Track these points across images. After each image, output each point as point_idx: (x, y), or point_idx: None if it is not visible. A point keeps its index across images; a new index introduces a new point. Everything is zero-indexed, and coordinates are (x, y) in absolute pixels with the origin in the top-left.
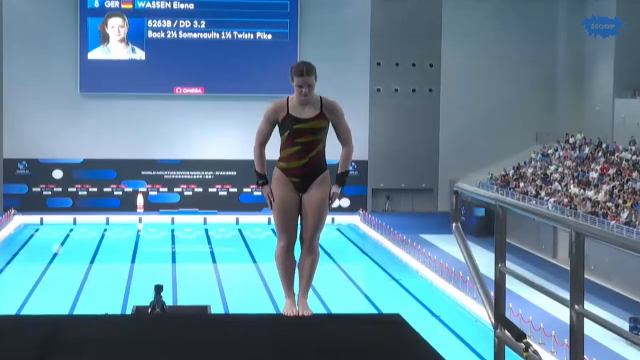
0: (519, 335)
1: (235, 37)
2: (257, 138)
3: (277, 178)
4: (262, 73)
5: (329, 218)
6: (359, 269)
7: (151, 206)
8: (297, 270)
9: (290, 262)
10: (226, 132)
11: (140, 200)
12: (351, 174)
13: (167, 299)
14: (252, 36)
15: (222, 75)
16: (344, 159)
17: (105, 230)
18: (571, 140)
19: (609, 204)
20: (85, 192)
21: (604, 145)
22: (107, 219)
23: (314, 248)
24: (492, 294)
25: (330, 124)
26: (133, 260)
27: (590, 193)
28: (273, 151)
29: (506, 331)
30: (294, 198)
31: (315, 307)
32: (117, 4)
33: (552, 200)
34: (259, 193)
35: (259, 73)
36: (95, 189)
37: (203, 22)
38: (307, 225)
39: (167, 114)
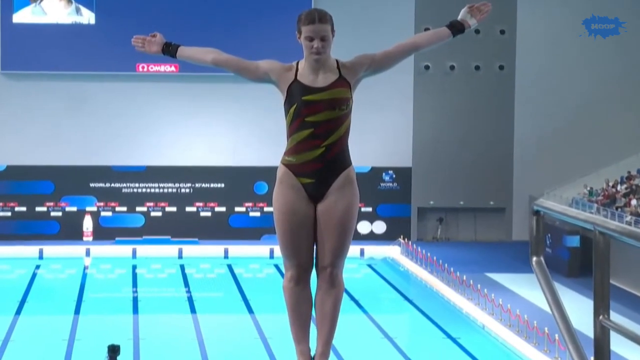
0: None
1: None
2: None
3: (282, 179)
4: (263, 42)
5: (356, 249)
6: (398, 321)
7: (104, 233)
8: (313, 311)
9: (303, 298)
10: (210, 127)
11: (88, 224)
12: (388, 186)
13: None
14: None
15: (208, 44)
16: (430, 32)
17: (37, 267)
18: None
19: None
20: (8, 213)
21: None
22: (40, 252)
23: (336, 280)
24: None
25: (353, 91)
26: (77, 310)
27: None
28: (272, 153)
29: None
30: (306, 208)
31: None
32: None
33: None
34: (257, 214)
35: (257, 41)
36: (22, 209)
37: None
38: (325, 248)
39: (127, 102)
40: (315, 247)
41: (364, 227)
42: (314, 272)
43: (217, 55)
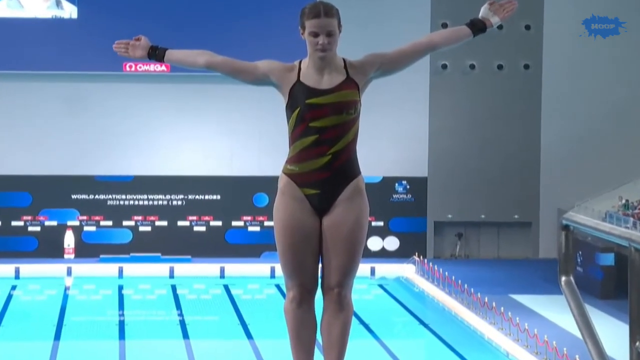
0: None
1: None
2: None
3: (284, 190)
4: (262, 39)
5: (366, 267)
6: (413, 348)
7: (87, 250)
8: (318, 336)
9: (306, 321)
10: (205, 132)
11: (69, 240)
12: (402, 198)
13: None
14: None
15: (201, 43)
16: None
17: (13, 287)
18: None
19: None
20: None
21: None
22: (17, 270)
23: (344, 302)
24: None
25: (362, 94)
26: (57, 336)
27: None
28: (274, 162)
29: None
30: (311, 222)
31: None
32: None
33: None
34: (257, 229)
35: (256, 39)
36: None
37: None
38: (332, 266)
39: (113, 105)
40: (320, 265)
41: (374, 243)
42: (318, 293)
43: (209, 57)
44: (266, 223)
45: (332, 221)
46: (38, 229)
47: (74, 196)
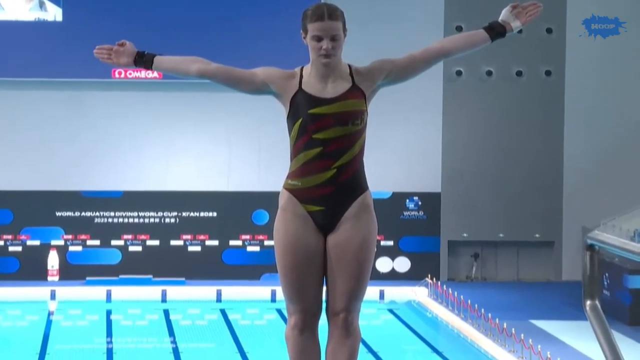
0: None
1: None
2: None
3: (285, 207)
4: (261, 44)
5: (374, 290)
6: None
7: (72, 271)
8: None
9: (310, 349)
10: (200, 145)
11: (53, 261)
12: (413, 215)
13: None
14: None
15: (196, 47)
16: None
17: None
18: None
19: None
20: None
21: None
22: None
23: (351, 328)
24: None
25: (369, 103)
26: None
27: None
28: (274, 176)
29: None
30: (314, 241)
31: None
32: None
33: None
34: (256, 249)
35: (256, 44)
36: None
37: None
38: (338, 289)
39: (101, 114)
40: (325, 288)
41: (383, 264)
42: (323, 318)
43: (203, 65)
44: (266, 242)
45: (338, 240)
46: (19, 249)
47: (58, 213)
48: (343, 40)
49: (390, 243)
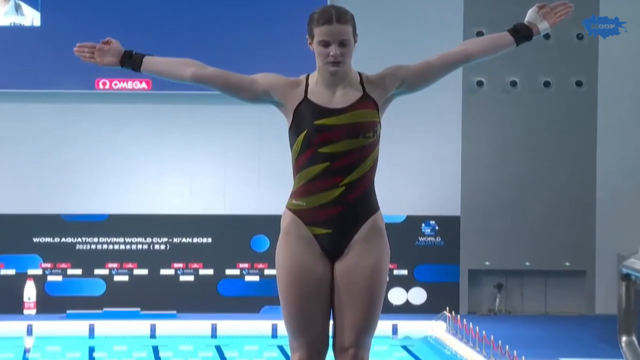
0: None
1: None
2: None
3: (288, 230)
4: (265, 48)
5: (386, 324)
6: None
7: (51, 303)
8: None
9: None
10: (193, 162)
11: (30, 292)
12: (430, 241)
13: None
14: None
15: (190, 53)
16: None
17: None
18: None
19: None
20: None
21: None
22: None
23: None
24: None
25: (382, 114)
26: None
27: None
28: (275, 196)
29: None
30: (321, 268)
31: None
32: None
33: None
34: (255, 278)
35: (257, 48)
36: None
37: None
38: (346, 322)
39: (83, 129)
40: (332, 320)
41: (397, 295)
42: (329, 354)
43: (197, 68)
44: (267, 271)
45: (346, 267)
46: None
47: (35, 239)
48: (353, 46)
49: (404, 272)
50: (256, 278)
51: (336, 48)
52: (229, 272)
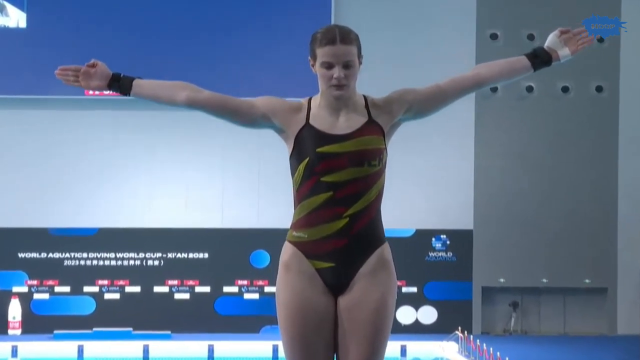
0: None
1: None
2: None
3: (289, 264)
4: (266, 70)
5: (395, 345)
6: None
7: (38, 323)
8: None
9: None
10: (189, 173)
11: (15, 311)
12: (441, 257)
13: None
14: None
15: (183, 64)
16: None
17: None
18: None
19: None
20: None
21: None
22: None
23: None
24: None
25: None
26: None
27: None
28: (276, 210)
29: None
30: (324, 304)
31: None
32: None
33: None
34: (255, 296)
35: (258, 69)
36: None
37: None
38: (351, 359)
39: (72, 138)
40: (335, 356)
41: (406, 314)
42: None
43: (192, 92)
44: (267, 289)
45: (351, 301)
46: None
47: (21, 255)
48: (358, 68)
49: (414, 290)
50: (256, 296)
51: (340, 70)
52: (226, 289)
